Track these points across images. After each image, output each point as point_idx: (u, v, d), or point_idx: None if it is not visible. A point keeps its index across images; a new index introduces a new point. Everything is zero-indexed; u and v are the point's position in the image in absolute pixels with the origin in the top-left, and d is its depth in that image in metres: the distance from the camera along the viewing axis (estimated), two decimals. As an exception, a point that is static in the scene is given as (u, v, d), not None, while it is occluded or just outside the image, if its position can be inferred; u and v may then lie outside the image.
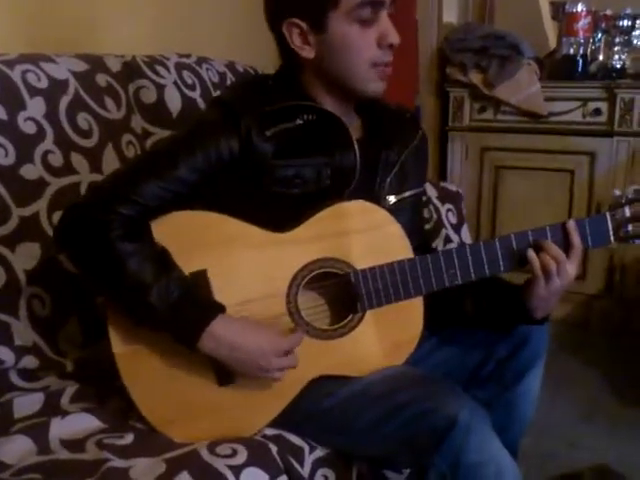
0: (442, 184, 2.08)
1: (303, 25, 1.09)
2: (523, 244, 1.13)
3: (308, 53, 1.11)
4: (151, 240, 1.03)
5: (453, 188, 2.08)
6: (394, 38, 1.10)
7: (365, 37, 1.09)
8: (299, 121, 1.13)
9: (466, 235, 2.01)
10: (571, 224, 1.13)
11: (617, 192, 1.15)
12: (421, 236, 1.35)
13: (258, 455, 0.99)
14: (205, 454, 0.97)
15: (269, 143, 1.10)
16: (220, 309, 1.02)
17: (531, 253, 1.11)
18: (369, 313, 1.13)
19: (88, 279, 1.09)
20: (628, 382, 2.23)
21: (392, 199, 1.23)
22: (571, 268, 1.12)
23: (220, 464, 0.94)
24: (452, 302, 1.23)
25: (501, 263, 1.13)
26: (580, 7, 2.51)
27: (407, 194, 1.26)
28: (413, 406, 1.02)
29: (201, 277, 1.06)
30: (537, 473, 1.72)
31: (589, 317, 2.70)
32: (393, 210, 1.20)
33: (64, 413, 1.09)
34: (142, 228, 1.04)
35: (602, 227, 1.14)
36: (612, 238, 1.14)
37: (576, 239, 1.12)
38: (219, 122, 1.10)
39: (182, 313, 1.00)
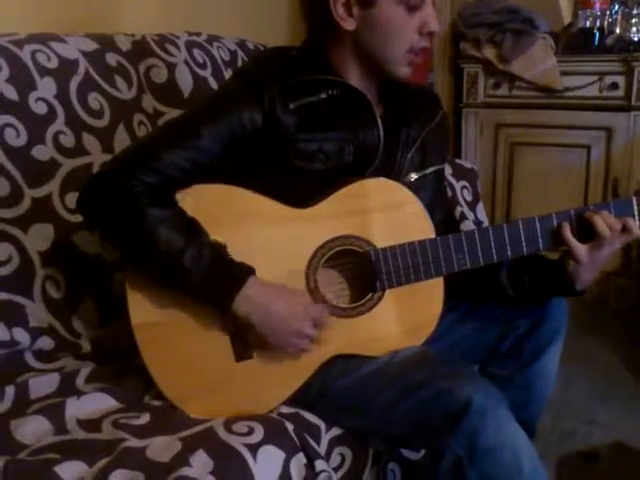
0: (457, 161, 2.06)
1: None
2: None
3: (349, 25, 1.10)
4: (178, 207, 1.03)
5: (468, 165, 2.05)
6: (435, 26, 1.10)
7: (409, 22, 1.08)
8: (323, 95, 1.12)
9: (482, 213, 1.99)
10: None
11: None
12: (445, 211, 1.34)
13: (274, 433, 0.98)
14: (222, 432, 0.96)
15: (292, 116, 1.09)
16: (252, 271, 1.02)
17: (596, 217, 1.09)
18: (389, 292, 1.12)
19: (117, 246, 1.09)
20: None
21: (414, 176, 1.22)
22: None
23: (237, 442, 0.93)
24: (487, 273, 1.20)
25: (540, 241, 1.12)
26: (597, -22, 2.45)
27: (429, 170, 1.25)
28: (428, 388, 1.02)
29: None
30: (554, 451, 1.72)
31: (606, 294, 2.68)
32: (415, 186, 1.19)
33: (80, 393, 1.09)
34: (167, 196, 1.03)
35: (627, 210, 1.12)
36: (638, 223, 1.12)
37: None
38: (243, 93, 1.09)
39: (216, 276, 1.00)
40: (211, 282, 1.00)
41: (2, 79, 1.25)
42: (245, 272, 1.02)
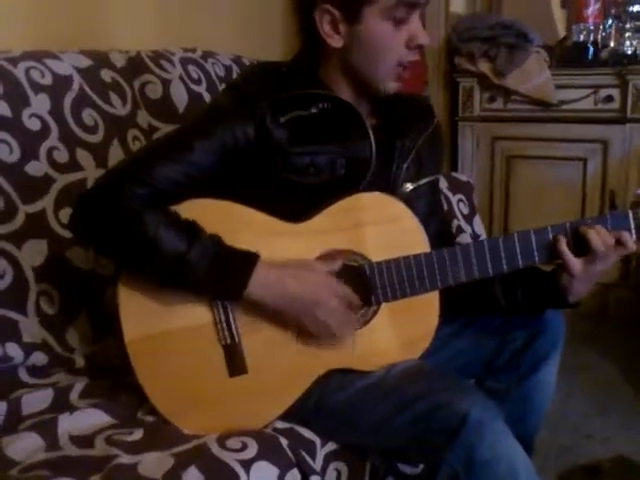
0: (453, 174, 2.06)
1: (336, 13, 1.07)
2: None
3: (336, 42, 1.10)
4: (173, 209, 1.03)
5: (464, 178, 2.06)
6: (424, 39, 1.10)
7: (396, 36, 1.08)
8: (314, 109, 1.12)
9: (479, 226, 1.98)
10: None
11: (639, 191, 1.13)
12: (440, 222, 1.34)
13: (268, 449, 0.97)
14: (215, 448, 0.95)
15: (284, 130, 1.09)
16: (258, 256, 1.01)
17: (591, 231, 1.09)
18: (384, 307, 1.12)
19: (116, 259, 1.07)
20: (644, 372, 2.20)
21: (409, 186, 1.21)
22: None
23: (230, 458, 0.92)
24: (481, 286, 1.19)
25: (536, 254, 1.12)
26: (590, -7, 2.48)
27: (424, 181, 1.25)
28: (424, 402, 1.01)
29: None
30: (553, 465, 1.70)
31: (605, 306, 2.67)
32: (411, 197, 1.20)
33: (73, 409, 1.08)
34: (161, 204, 1.02)
35: (624, 224, 1.12)
36: (634, 237, 1.11)
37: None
38: (234, 107, 1.09)
39: (224, 266, 0.99)
40: (221, 272, 0.99)
41: (-4, 96, 1.25)
42: (252, 257, 1.01)
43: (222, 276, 1.00)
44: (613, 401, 2.03)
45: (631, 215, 1.12)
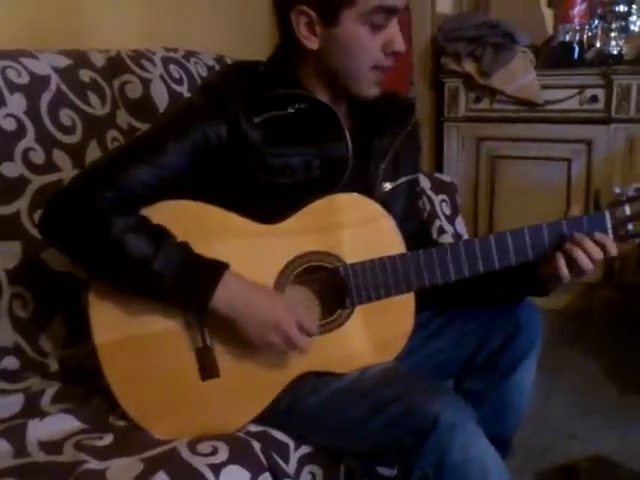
0: (436, 175, 2.05)
1: (313, 15, 1.06)
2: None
3: (312, 44, 1.09)
4: (142, 215, 1.02)
5: (447, 179, 2.05)
6: (400, 46, 1.09)
7: (372, 41, 1.08)
8: (290, 109, 1.11)
9: (461, 226, 1.98)
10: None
11: (617, 190, 1.13)
12: (418, 222, 1.34)
13: (240, 453, 0.96)
14: (185, 452, 0.95)
15: (257, 130, 1.08)
16: (226, 266, 1.01)
17: (578, 252, 1.08)
18: (359, 308, 1.11)
19: (84, 264, 1.06)
20: (628, 372, 2.20)
21: (387, 186, 1.21)
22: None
23: (199, 463, 0.92)
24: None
25: (512, 255, 1.11)
26: (575, -7, 2.48)
27: (402, 180, 1.24)
28: (398, 404, 1.00)
29: None
30: (535, 466, 1.70)
31: (590, 306, 2.68)
32: (389, 197, 1.19)
33: (43, 414, 1.07)
34: (131, 209, 1.02)
35: (601, 225, 1.11)
36: (612, 237, 1.11)
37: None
38: (207, 107, 1.08)
39: (190, 274, 0.98)
40: (186, 283, 0.99)
41: (-30, 95, 1.24)
42: (220, 268, 1.00)
43: (187, 286, 0.99)
44: (596, 401, 2.03)
45: (608, 215, 1.12)
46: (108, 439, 1.01)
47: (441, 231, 1.87)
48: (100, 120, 1.48)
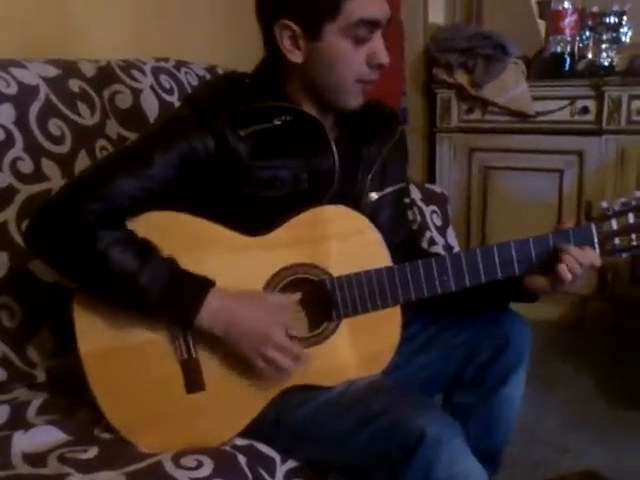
0: (426, 186, 2.05)
1: (296, 29, 1.06)
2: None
3: (296, 57, 1.09)
4: (129, 229, 1.01)
5: (438, 190, 2.05)
6: (384, 58, 1.09)
7: (356, 54, 1.08)
8: (276, 122, 1.11)
9: (452, 237, 1.98)
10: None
11: (604, 204, 1.13)
12: (406, 232, 1.34)
13: (225, 467, 0.96)
14: (169, 466, 0.94)
15: (244, 143, 1.08)
16: (211, 282, 1.00)
17: (561, 266, 1.09)
18: (345, 321, 1.11)
19: (70, 277, 1.05)
20: (620, 385, 2.20)
21: (374, 196, 1.21)
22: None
23: (184, 477, 0.91)
24: None
25: (499, 269, 1.12)
26: (566, 4, 2.49)
27: (389, 190, 1.24)
28: (383, 418, 1.00)
29: None
30: (526, 480, 1.70)
31: (582, 318, 2.68)
32: (376, 206, 1.19)
33: (29, 426, 1.06)
34: (118, 222, 1.02)
35: (587, 239, 1.12)
36: (598, 251, 1.12)
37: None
38: (193, 119, 1.08)
39: (176, 290, 0.98)
40: (171, 298, 0.98)
41: (-42, 105, 1.23)
42: (206, 284, 1.00)
43: (173, 302, 0.99)
44: (588, 415, 2.02)
45: (594, 229, 1.12)
46: (93, 452, 1.00)
47: (432, 242, 1.87)
48: (89, 130, 1.48)
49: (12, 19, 1.60)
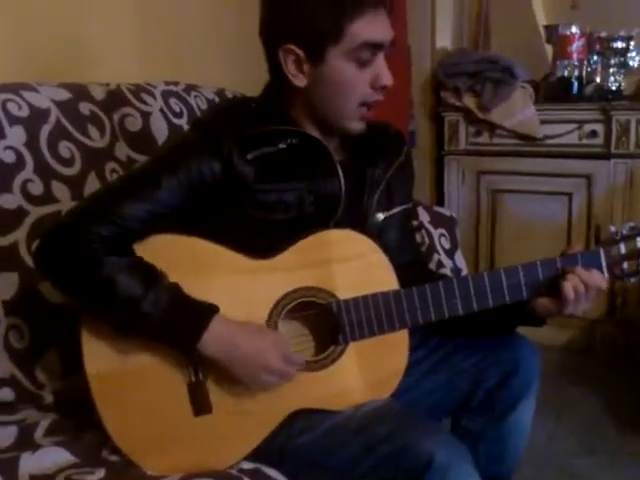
0: (435, 208, 2.05)
1: (300, 53, 1.08)
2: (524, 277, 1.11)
3: (300, 81, 1.10)
4: (136, 255, 1.02)
5: (446, 212, 2.05)
6: (387, 80, 1.10)
7: (360, 77, 1.08)
8: (282, 145, 1.12)
9: (460, 260, 1.97)
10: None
11: (612, 228, 1.13)
12: (413, 252, 1.34)
13: (231, 491, 0.95)
14: (175, 490, 0.93)
15: (250, 167, 1.09)
16: (215, 309, 1.01)
17: (565, 283, 1.09)
18: (352, 345, 1.11)
19: (75, 298, 1.06)
20: (630, 410, 2.17)
21: (380, 216, 1.21)
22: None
23: (189, 501, 0.90)
24: None
25: (506, 292, 1.11)
26: (573, 29, 2.50)
27: (395, 210, 1.25)
28: (390, 443, 0.99)
29: None
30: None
31: (592, 342, 2.65)
32: (382, 227, 1.19)
33: (36, 447, 1.06)
34: (125, 246, 1.02)
35: (595, 263, 1.11)
36: (607, 275, 1.11)
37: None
38: (200, 144, 1.09)
39: (178, 317, 0.99)
40: (173, 324, 0.99)
41: (-29, 128, 1.25)
42: (209, 311, 1.01)
43: (174, 329, 0.99)
44: (598, 440, 2.00)
45: (602, 253, 1.12)
46: (99, 474, 1.00)
47: (440, 265, 1.86)
48: (99, 152, 1.49)
49: (25, 44, 1.63)
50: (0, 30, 1.56)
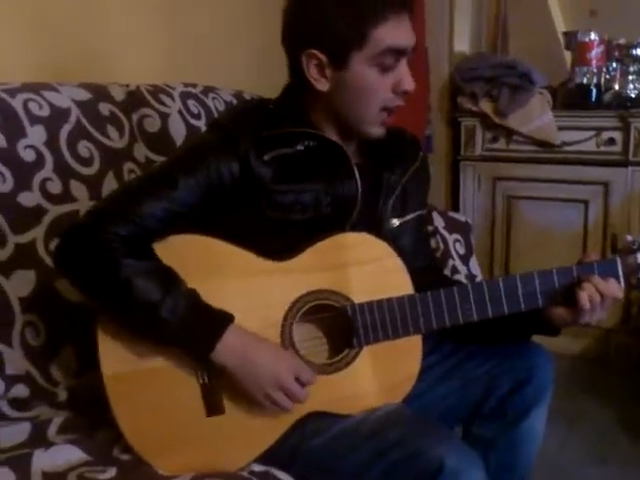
0: (450, 214, 2.05)
1: (323, 57, 1.08)
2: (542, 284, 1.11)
3: (322, 86, 1.11)
4: (155, 257, 1.03)
5: (461, 218, 2.05)
6: (409, 85, 1.10)
7: (382, 82, 1.09)
8: (299, 147, 1.12)
9: (475, 267, 1.97)
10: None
11: (629, 237, 1.13)
12: (428, 258, 1.34)
13: (242, 493, 0.95)
14: (186, 491, 0.94)
15: (267, 167, 1.09)
16: (230, 318, 1.01)
17: (581, 293, 1.08)
18: (366, 349, 1.11)
19: (93, 298, 1.07)
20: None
21: (395, 222, 1.22)
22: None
23: (200, 501, 0.91)
24: None
25: (522, 300, 1.11)
26: (592, 36, 2.49)
27: (410, 216, 1.25)
28: (401, 448, 0.99)
29: None
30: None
31: (606, 352, 2.64)
32: (397, 233, 1.20)
33: (49, 444, 1.07)
34: (144, 247, 1.03)
35: (612, 272, 1.11)
36: (623, 284, 1.11)
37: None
38: (218, 145, 1.10)
39: (195, 324, 0.99)
40: (189, 331, 0.99)
41: (-8, 127, 1.26)
42: (225, 320, 1.01)
43: (190, 337, 1.00)
44: (611, 449, 1.99)
45: (619, 262, 1.11)
46: (111, 472, 1.01)
47: (454, 271, 1.86)
48: (118, 152, 1.51)
49: (48, 45, 1.64)
50: (22, 30, 1.58)
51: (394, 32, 1.06)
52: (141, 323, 1.00)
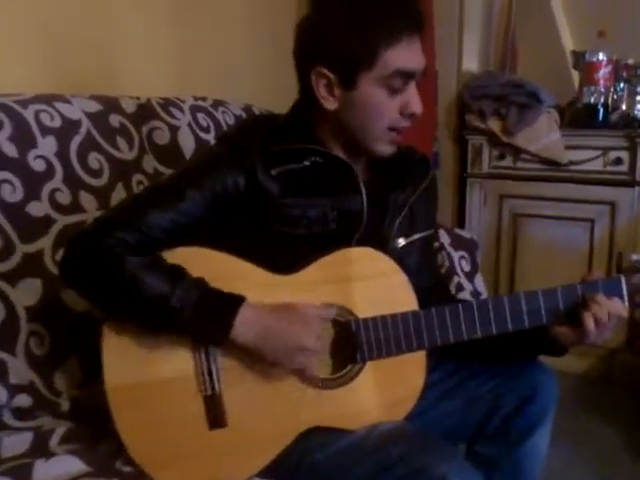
0: (456, 231, 2.05)
1: (332, 77, 1.09)
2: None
3: (331, 105, 1.11)
4: (158, 254, 1.03)
5: (467, 235, 2.05)
6: (417, 108, 1.11)
7: (390, 104, 1.10)
8: (306, 162, 1.13)
9: (480, 284, 1.97)
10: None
11: (634, 257, 1.13)
12: (434, 276, 1.34)
13: (243, 507, 0.95)
14: (187, 503, 0.94)
15: (275, 182, 1.10)
16: (243, 297, 1.01)
17: (586, 314, 1.09)
18: (370, 364, 1.11)
19: (101, 305, 1.07)
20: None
21: (401, 241, 1.21)
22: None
23: (202, 515, 0.90)
24: None
25: (525, 317, 1.11)
26: (601, 56, 2.50)
27: (416, 236, 1.25)
28: (403, 465, 0.98)
29: None
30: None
31: (611, 371, 2.62)
32: (403, 252, 1.19)
33: (50, 454, 1.07)
34: (147, 251, 1.03)
35: (616, 290, 1.11)
36: (627, 304, 1.11)
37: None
38: (226, 157, 1.11)
39: (209, 308, 0.99)
40: (205, 316, 0.99)
41: (3, 137, 1.27)
42: (238, 299, 1.01)
43: (206, 319, 1.00)
44: (613, 469, 1.97)
45: (624, 281, 1.11)
46: (112, 485, 1.00)
47: (459, 288, 1.86)
48: (127, 164, 1.52)
49: (60, 57, 1.66)
50: (34, 42, 1.60)
51: (404, 54, 1.07)
52: (153, 318, 1.00)
